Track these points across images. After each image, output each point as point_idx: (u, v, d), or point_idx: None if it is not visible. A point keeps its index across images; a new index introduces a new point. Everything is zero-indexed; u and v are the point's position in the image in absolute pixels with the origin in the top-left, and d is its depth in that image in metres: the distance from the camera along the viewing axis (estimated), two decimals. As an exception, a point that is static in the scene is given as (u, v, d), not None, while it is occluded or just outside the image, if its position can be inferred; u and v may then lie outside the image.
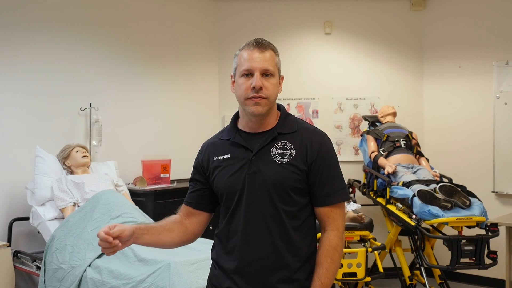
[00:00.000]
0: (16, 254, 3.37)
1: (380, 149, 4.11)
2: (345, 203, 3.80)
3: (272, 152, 1.51)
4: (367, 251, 3.20)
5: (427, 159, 4.17)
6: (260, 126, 1.56)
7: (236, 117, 1.64)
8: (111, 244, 1.36)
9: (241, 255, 1.49)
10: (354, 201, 4.03)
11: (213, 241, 1.66)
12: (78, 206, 3.26)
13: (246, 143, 1.54)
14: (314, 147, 1.52)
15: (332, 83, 4.96)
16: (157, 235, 1.53)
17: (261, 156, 1.51)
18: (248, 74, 1.50)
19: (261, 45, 1.52)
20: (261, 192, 1.48)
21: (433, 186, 3.52)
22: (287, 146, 1.52)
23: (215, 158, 1.58)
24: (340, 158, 4.86)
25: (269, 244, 1.47)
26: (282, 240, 1.48)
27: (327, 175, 1.51)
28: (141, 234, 1.47)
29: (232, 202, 1.52)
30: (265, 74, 1.50)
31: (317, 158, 1.51)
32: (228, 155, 1.55)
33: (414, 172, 3.83)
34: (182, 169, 4.47)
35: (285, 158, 1.50)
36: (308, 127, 1.58)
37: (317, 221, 1.59)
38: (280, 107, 1.63)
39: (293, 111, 4.93)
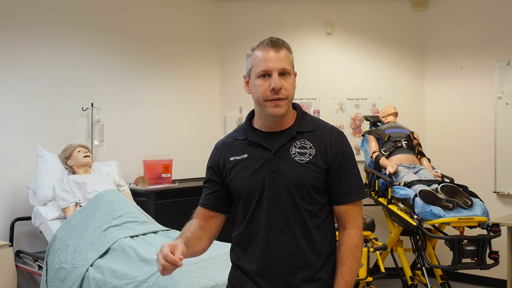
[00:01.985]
0: (18, 254, 3.38)
1: (382, 149, 4.11)
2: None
3: (291, 151, 1.49)
4: (368, 251, 3.20)
5: (429, 159, 4.17)
6: (278, 125, 1.54)
7: (251, 116, 1.61)
8: (177, 264, 1.29)
9: (263, 256, 1.47)
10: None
11: (214, 240, 1.65)
12: (80, 206, 3.26)
13: (264, 143, 1.52)
14: (334, 145, 1.51)
15: (334, 83, 4.96)
16: (193, 246, 1.50)
17: (280, 156, 1.49)
18: (265, 75, 1.47)
19: (276, 44, 1.49)
20: (282, 191, 1.47)
21: (434, 186, 3.51)
22: (307, 144, 1.51)
23: (231, 159, 1.55)
24: (341, 158, 4.86)
25: (292, 244, 1.46)
26: (304, 239, 1.47)
27: (346, 173, 1.51)
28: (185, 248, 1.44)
29: (252, 202, 1.50)
30: (282, 73, 1.48)
31: (337, 156, 1.50)
32: (246, 155, 1.53)
33: (416, 172, 3.83)
34: (183, 169, 4.48)
35: (305, 157, 1.48)
36: (325, 125, 1.58)
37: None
38: (295, 106, 1.61)
39: (294, 111, 4.93)
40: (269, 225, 1.47)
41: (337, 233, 1.57)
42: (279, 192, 1.47)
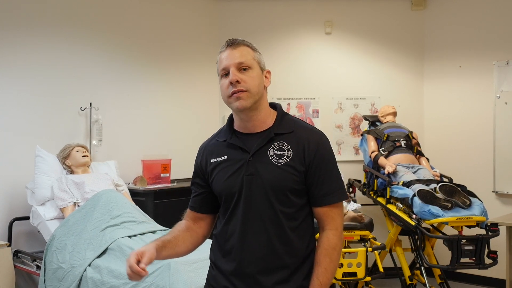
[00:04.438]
0: (16, 253, 3.38)
1: (381, 149, 4.10)
2: (345, 203, 3.80)
3: (269, 153, 1.49)
4: (367, 250, 3.19)
5: (428, 159, 4.16)
6: (254, 125, 1.54)
7: (231, 118, 1.63)
8: (141, 275, 1.38)
9: (238, 257, 1.49)
10: (355, 201, 4.03)
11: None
12: (78, 205, 3.26)
13: (242, 145, 1.53)
14: (312, 147, 1.50)
15: (333, 82, 4.96)
16: (173, 248, 1.54)
17: (258, 158, 1.49)
18: (226, 73, 1.50)
19: (232, 43, 1.52)
20: (258, 193, 1.47)
21: (433, 185, 3.51)
22: (284, 146, 1.50)
23: (212, 160, 1.57)
24: (340, 157, 4.87)
25: (266, 246, 1.47)
26: (279, 241, 1.47)
27: (325, 175, 1.50)
28: (159, 251, 1.48)
29: (231, 203, 1.51)
30: (242, 68, 1.49)
31: (315, 158, 1.49)
32: (225, 157, 1.54)
33: (415, 172, 3.83)
34: (182, 169, 4.48)
35: (283, 159, 1.48)
36: (305, 127, 1.56)
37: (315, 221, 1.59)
38: (276, 106, 1.61)
39: (293, 111, 4.93)
40: (245, 226, 1.48)
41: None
42: (256, 194, 1.48)
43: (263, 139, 1.51)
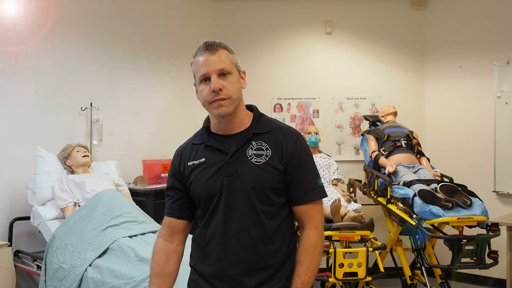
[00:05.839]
0: (17, 253, 3.37)
1: (381, 149, 4.10)
2: (346, 203, 3.80)
3: (248, 153, 1.50)
4: (367, 250, 3.19)
5: (428, 159, 4.16)
6: (232, 127, 1.55)
7: (207, 120, 1.63)
8: None
9: (220, 259, 1.48)
10: (355, 201, 4.03)
11: None
12: (79, 205, 3.26)
13: (221, 146, 1.53)
14: (290, 146, 1.51)
15: (333, 82, 4.96)
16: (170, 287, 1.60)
17: (237, 158, 1.50)
18: (206, 79, 1.50)
19: (211, 47, 1.51)
20: (239, 194, 1.47)
21: (434, 185, 3.51)
22: (263, 146, 1.51)
23: (189, 163, 1.57)
24: (340, 157, 4.87)
25: (249, 247, 1.47)
26: (261, 242, 1.47)
27: (303, 174, 1.51)
28: None
29: (210, 206, 1.51)
30: (222, 74, 1.49)
31: (293, 156, 1.51)
32: (203, 159, 1.54)
33: (415, 172, 3.83)
34: (182, 169, 4.47)
35: (262, 159, 1.49)
36: (282, 126, 1.58)
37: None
38: (252, 108, 1.62)
39: (293, 111, 4.94)
40: (226, 228, 1.48)
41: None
42: (236, 195, 1.48)
43: (241, 140, 1.52)
